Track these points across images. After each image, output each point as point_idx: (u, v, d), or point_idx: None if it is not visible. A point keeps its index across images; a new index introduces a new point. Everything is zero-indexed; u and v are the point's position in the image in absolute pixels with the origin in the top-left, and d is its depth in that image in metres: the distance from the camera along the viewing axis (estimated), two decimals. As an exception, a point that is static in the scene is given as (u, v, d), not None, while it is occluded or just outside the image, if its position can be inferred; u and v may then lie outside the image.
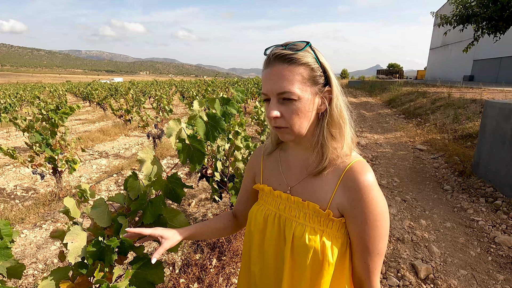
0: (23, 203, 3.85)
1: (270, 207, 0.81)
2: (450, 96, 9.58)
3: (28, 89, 21.25)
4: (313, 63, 0.67)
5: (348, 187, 0.69)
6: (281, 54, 0.67)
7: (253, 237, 0.83)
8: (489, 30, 8.44)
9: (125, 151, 6.58)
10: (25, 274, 2.46)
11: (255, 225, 0.82)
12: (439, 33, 25.21)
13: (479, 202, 3.52)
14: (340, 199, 0.70)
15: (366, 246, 0.69)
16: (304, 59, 0.66)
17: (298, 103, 0.67)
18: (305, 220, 0.73)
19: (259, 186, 0.87)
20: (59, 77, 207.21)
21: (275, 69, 0.67)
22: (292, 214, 0.76)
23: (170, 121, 0.93)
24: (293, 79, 0.65)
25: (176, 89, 18.12)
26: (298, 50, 0.67)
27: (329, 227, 0.71)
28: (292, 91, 0.65)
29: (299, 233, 0.72)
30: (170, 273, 2.37)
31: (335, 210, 0.71)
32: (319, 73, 0.68)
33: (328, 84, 0.70)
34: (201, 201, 3.79)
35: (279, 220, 0.78)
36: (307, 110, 0.68)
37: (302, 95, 0.66)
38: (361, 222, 0.68)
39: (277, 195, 0.80)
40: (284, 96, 0.67)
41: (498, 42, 9.32)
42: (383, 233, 0.69)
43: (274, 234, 0.78)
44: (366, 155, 5.61)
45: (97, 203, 0.87)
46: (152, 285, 0.88)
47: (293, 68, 0.66)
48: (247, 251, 0.87)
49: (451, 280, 2.25)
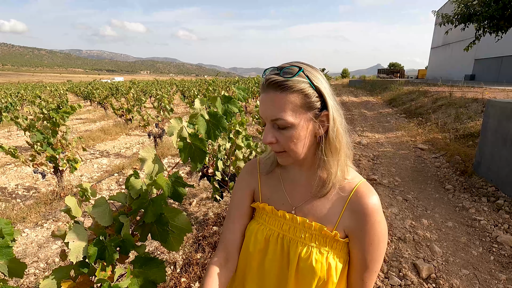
0: (24, 202, 3.86)
1: (272, 227, 0.79)
2: (452, 95, 9.56)
3: (29, 89, 21.30)
4: (307, 88, 0.65)
5: (355, 210, 0.71)
6: (274, 81, 0.66)
7: (252, 257, 0.80)
8: (491, 29, 8.41)
9: (126, 150, 6.58)
10: (27, 273, 2.47)
11: (254, 245, 0.79)
12: (440, 32, 25.16)
13: (481, 202, 3.51)
14: (348, 222, 0.72)
15: (366, 265, 0.72)
16: (297, 86, 0.65)
17: (292, 130, 0.66)
18: (310, 241, 0.73)
19: (259, 205, 0.83)
20: (60, 77, 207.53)
21: (269, 96, 0.67)
22: (297, 235, 0.74)
23: (171, 119, 0.92)
24: (286, 107, 0.65)
25: (177, 89, 18.12)
26: (291, 76, 0.65)
27: (334, 248, 0.73)
28: (285, 119, 0.65)
29: (305, 255, 0.72)
30: (171, 272, 2.37)
31: (341, 231, 0.73)
32: (313, 98, 0.66)
33: (326, 108, 0.68)
34: (202, 200, 3.79)
35: (283, 241, 0.76)
36: (302, 136, 0.68)
37: (295, 122, 0.66)
38: (368, 243, 0.70)
39: (280, 215, 0.78)
40: (277, 123, 0.67)
41: (499, 41, 9.29)
42: (383, 252, 0.72)
43: (277, 255, 0.76)
44: (367, 154, 5.60)
45: (98, 202, 0.86)
46: (153, 284, 0.87)
47: (286, 96, 0.65)
48: (242, 271, 0.84)
49: (453, 279, 2.24)
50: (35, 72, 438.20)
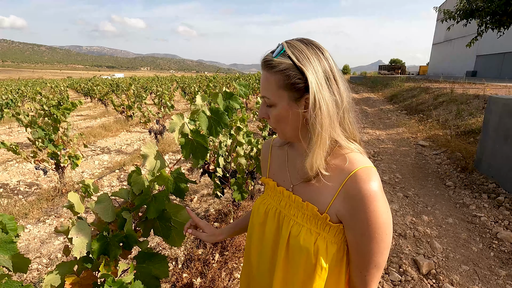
0: (26, 198, 3.88)
1: (272, 201, 0.82)
2: (453, 91, 9.51)
3: (30, 85, 21.27)
4: (289, 69, 0.65)
5: (348, 195, 0.65)
6: (264, 60, 0.69)
7: (254, 230, 0.84)
8: (493, 25, 8.34)
9: (127, 147, 6.59)
10: (30, 269, 2.49)
11: (257, 218, 0.83)
12: (442, 28, 24.98)
13: (482, 198, 3.51)
14: (339, 206, 0.67)
15: (363, 257, 0.67)
16: (279, 66, 0.65)
17: (275, 109, 0.70)
18: (302, 220, 0.72)
19: (265, 179, 0.88)
20: (60, 73, 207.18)
21: (262, 74, 0.71)
22: (291, 213, 0.75)
23: (173, 115, 0.92)
24: (269, 86, 0.68)
25: (177, 85, 18.09)
26: (275, 56, 0.67)
27: (326, 231, 0.69)
28: (268, 97, 0.69)
29: (295, 232, 0.72)
30: (173, 267, 2.39)
31: (333, 215, 0.68)
32: (295, 80, 0.65)
33: (308, 90, 0.65)
34: (203, 196, 3.80)
35: (279, 216, 0.78)
36: (284, 116, 0.69)
37: (277, 101, 0.68)
38: (360, 233, 0.65)
39: (279, 191, 0.80)
40: (266, 100, 0.71)
41: (501, 37, 9.22)
42: (382, 247, 0.65)
43: (273, 230, 0.78)
44: (368, 151, 5.60)
45: (101, 198, 0.87)
46: (156, 280, 0.88)
47: (271, 75, 0.68)
48: (248, 242, 0.88)
49: (453, 275, 2.25)
50: (35, 68, 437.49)
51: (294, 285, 0.72)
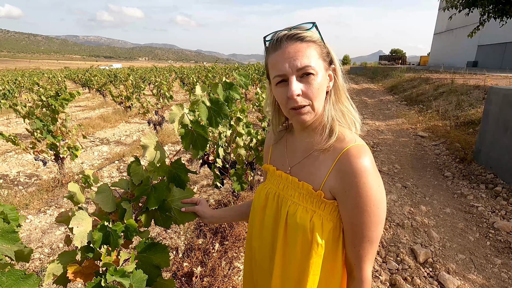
0: (26, 189, 3.89)
1: (272, 185, 0.85)
2: (453, 82, 9.47)
3: (27, 76, 21.05)
4: (320, 41, 0.71)
5: (341, 170, 0.69)
6: (292, 34, 0.69)
7: (255, 215, 0.87)
8: (496, 14, 8.23)
9: (126, 137, 6.58)
10: (32, 258, 2.52)
11: (258, 203, 0.86)
12: (444, 17, 24.65)
13: (479, 189, 3.54)
14: (333, 182, 0.70)
15: (355, 231, 0.69)
16: (314, 37, 0.70)
17: (317, 78, 0.69)
18: (299, 200, 0.75)
19: (266, 166, 0.92)
20: (57, 63, 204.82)
21: (289, 48, 0.68)
22: (289, 193, 0.78)
23: (173, 106, 0.91)
24: (310, 54, 0.68)
25: (176, 76, 17.93)
26: (309, 28, 0.70)
27: (321, 209, 0.72)
28: (312, 66, 0.68)
29: (292, 211, 0.75)
30: (174, 257, 2.42)
31: (327, 192, 0.71)
32: (325, 51, 0.72)
33: (333, 63, 0.74)
34: (203, 187, 3.82)
35: (278, 198, 0.81)
36: (324, 85, 0.71)
37: (318, 70, 0.69)
38: (352, 206, 0.67)
39: (278, 175, 0.84)
40: (304, 71, 0.67)
41: (503, 27, 9.12)
42: (374, 220, 0.67)
43: (273, 212, 0.81)
44: (367, 141, 5.60)
45: (101, 188, 0.87)
46: (157, 269, 0.89)
47: (307, 45, 0.68)
48: (250, 227, 0.91)
49: (450, 264, 2.29)
50: (32, 58, 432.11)
51: (292, 263, 0.75)
